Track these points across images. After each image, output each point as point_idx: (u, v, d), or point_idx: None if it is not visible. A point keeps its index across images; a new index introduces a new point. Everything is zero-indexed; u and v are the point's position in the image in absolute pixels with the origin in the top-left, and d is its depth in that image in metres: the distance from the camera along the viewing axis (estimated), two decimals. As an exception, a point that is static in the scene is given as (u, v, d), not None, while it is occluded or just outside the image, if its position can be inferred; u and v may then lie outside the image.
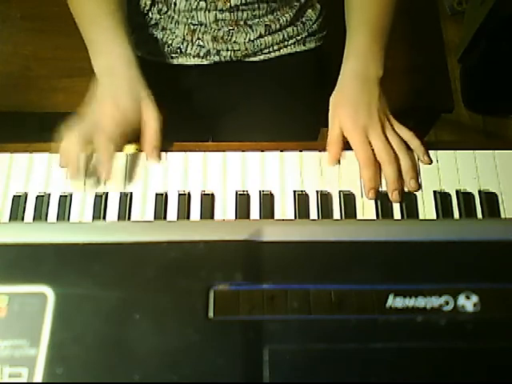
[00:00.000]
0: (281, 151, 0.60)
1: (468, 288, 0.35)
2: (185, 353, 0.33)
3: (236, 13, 0.73)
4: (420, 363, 0.33)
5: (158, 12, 0.75)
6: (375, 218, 0.57)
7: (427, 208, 0.58)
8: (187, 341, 0.33)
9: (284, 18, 0.77)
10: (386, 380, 0.33)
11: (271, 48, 0.80)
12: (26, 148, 0.61)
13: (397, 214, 0.57)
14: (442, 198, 0.58)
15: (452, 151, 0.60)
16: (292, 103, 0.82)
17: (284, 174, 0.59)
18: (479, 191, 0.58)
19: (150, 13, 0.76)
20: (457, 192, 0.58)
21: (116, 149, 0.58)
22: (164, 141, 0.61)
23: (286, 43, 0.81)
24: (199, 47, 0.77)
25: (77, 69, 0.92)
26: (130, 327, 0.33)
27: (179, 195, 0.58)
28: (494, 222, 0.45)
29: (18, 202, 0.57)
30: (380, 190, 0.58)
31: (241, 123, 0.82)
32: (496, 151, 0.60)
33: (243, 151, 0.60)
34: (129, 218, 0.57)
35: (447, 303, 0.34)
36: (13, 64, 0.96)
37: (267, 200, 0.57)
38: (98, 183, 0.58)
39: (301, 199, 0.57)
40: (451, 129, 1.54)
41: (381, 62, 0.63)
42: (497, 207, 0.57)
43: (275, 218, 0.56)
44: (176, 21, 0.75)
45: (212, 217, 0.57)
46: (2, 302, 0.34)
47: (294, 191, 0.58)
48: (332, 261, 0.36)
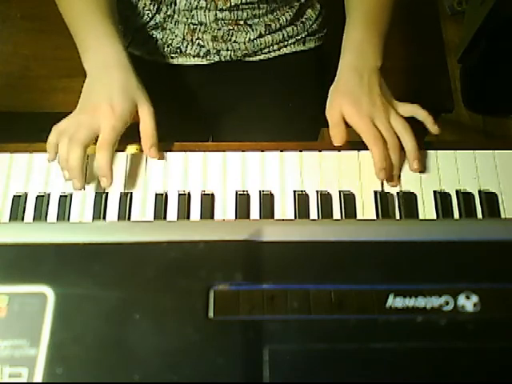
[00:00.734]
0: (281, 151, 0.60)
1: (468, 288, 0.35)
2: (185, 353, 0.33)
3: (236, 12, 0.73)
4: (420, 363, 0.33)
5: (158, 12, 0.75)
6: (375, 218, 0.57)
7: (427, 208, 0.58)
8: (187, 341, 0.33)
9: (284, 18, 0.77)
10: (386, 380, 0.33)
11: (271, 48, 0.80)
12: (26, 148, 0.61)
13: (397, 214, 0.57)
14: (442, 198, 0.58)
15: (452, 151, 0.60)
16: (292, 103, 0.82)
17: (284, 174, 0.59)
18: (479, 191, 0.58)
19: (150, 12, 0.76)
20: (457, 192, 0.58)
21: (114, 152, 0.57)
22: (164, 141, 0.61)
23: (286, 43, 0.81)
24: (199, 47, 0.77)
25: (77, 69, 0.91)
26: (130, 327, 0.33)
27: (179, 195, 0.58)
28: (494, 222, 0.45)
29: (18, 202, 0.57)
30: (380, 190, 0.58)
31: (241, 123, 0.82)
32: (496, 151, 0.60)
33: (243, 151, 0.60)
34: (129, 218, 0.57)
35: (447, 303, 0.34)
36: (13, 64, 0.96)
37: (267, 200, 0.57)
38: (99, 184, 0.58)
39: (301, 199, 0.57)
40: (451, 129, 1.54)
41: (379, 53, 0.63)
42: (497, 207, 0.57)
43: (275, 218, 0.56)
44: (176, 20, 0.75)
45: (212, 217, 0.57)
46: (2, 302, 0.34)
47: (294, 191, 0.58)
48: (332, 261, 0.36)
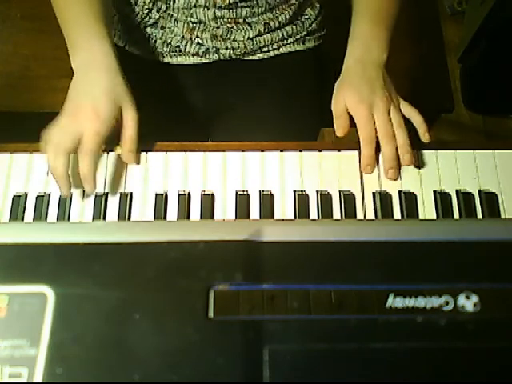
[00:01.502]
0: (281, 151, 0.60)
1: (468, 288, 0.35)
2: (185, 353, 0.33)
3: (235, 10, 0.73)
4: (420, 363, 0.33)
5: (157, 10, 0.75)
6: (375, 218, 0.57)
7: (427, 208, 0.58)
8: (187, 341, 0.33)
9: (283, 17, 0.77)
10: (386, 380, 0.33)
11: (270, 46, 0.80)
12: (26, 148, 0.61)
13: (397, 214, 0.57)
14: (442, 198, 0.58)
15: (452, 151, 0.60)
16: (291, 102, 0.82)
17: (284, 174, 0.59)
18: (479, 191, 0.58)
19: (149, 11, 0.76)
20: (457, 192, 0.58)
21: (98, 157, 0.58)
22: (163, 140, 0.61)
23: (285, 42, 0.81)
24: (198, 45, 0.77)
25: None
26: (130, 327, 0.33)
27: (179, 195, 0.58)
28: (494, 222, 0.45)
29: (18, 202, 0.57)
30: (380, 191, 0.58)
31: (240, 122, 0.82)
32: (496, 151, 0.60)
33: (243, 151, 0.60)
34: (129, 218, 0.57)
35: (447, 303, 0.34)
36: (13, 64, 0.96)
37: (267, 200, 0.57)
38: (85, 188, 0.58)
39: (301, 199, 0.57)
40: (451, 129, 1.54)
41: (385, 47, 0.64)
42: (497, 207, 0.57)
43: (275, 218, 0.56)
44: (175, 19, 0.75)
45: (212, 217, 0.57)
46: (2, 302, 0.34)
47: (294, 191, 0.58)
48: (332, 261, 0.36)
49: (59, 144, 0.55)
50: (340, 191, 0.58)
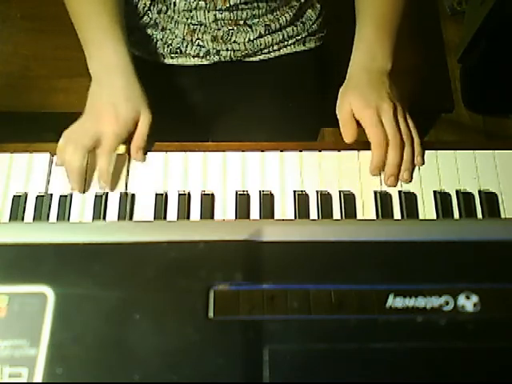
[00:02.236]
0: (281, 151, 0.60)
1: (468, 288, 0.35)
2: (185, 353, 0.33)
3: (235, 12, 0.73)
4: (420, 363, 0.33)
5: (158, 12, 0.75)
6: (375, 218, 0.57)
7: (427, 208, 0.58)
8: (187, 341, 0.33)
9: (284, 18, 0.77)
10: (386, 380, 0.33)
11: (271, 48, 0.80)
12: (26, 148, 0.61)
13: (397, 214, 0.57)
14: (442, 198, 0.58)
15: (452, 151, 0.60)
16: (292, 103, 0.82)
17: (284, 174, 0.59)
18: (479, 191, 0.58)
19: (150, 13, 0.76)
20: (457, 192, 0.58)
21: (114, 157, 0.59)
22: (164, 141, 0.61)
23: (286, 43, 0.81)
24: (199, 47, 0.77)
25: (77, 69, 0.91)
26: (130, 327, 0.33)
27: (179, 195, 0.58)
28: (494, 222, 0.45)
29: (18, 202, 0.57)
30: (380, 190, 0.58)
31: (241, 123, 0.82)
32: (496, 151, 0.60)
33: (243, 151, 0.60)
34: (129, 218, 0.57)
35: (447, 303, 0.34)
36: (13, 64, 0.96)
37: (267, 200, 0.57)
38: (99, 184, 0.58)
39: (301, 199, 0.57)
40: (451, 129, 1.54)
41: (388, 55, 0.64)
42: (497, 207, 0.57)
43: (275, 218, 0.56)
44: (175, 21, 0.75)
45: (212, 217, 0.57)
46: (2, 302, 0.34)
47: (294, 191, 0.58)
48: (332, 261, 0.36)
49: (79, 140, 0.57)
50: (340, 191, 0.58)
